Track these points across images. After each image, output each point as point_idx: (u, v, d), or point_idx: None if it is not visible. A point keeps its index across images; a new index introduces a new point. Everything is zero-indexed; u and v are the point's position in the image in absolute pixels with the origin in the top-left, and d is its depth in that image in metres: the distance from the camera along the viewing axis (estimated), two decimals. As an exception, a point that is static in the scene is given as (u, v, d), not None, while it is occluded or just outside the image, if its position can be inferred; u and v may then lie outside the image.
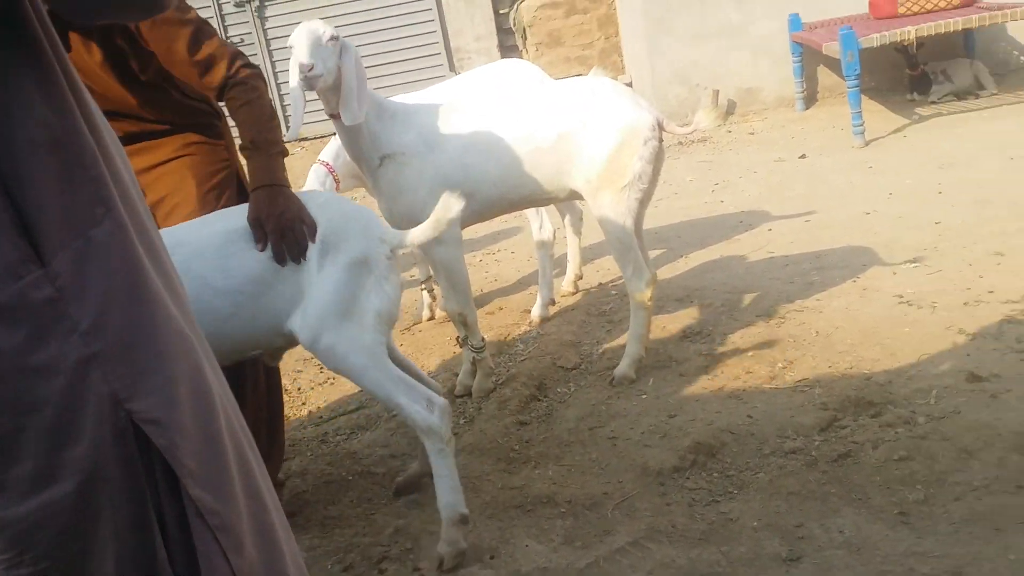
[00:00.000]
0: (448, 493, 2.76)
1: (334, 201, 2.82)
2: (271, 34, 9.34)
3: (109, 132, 1.25)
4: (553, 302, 4.66)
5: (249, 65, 2.85)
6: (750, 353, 3.75)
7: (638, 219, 3.62)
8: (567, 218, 4.74)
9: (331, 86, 3.31)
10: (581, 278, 4.87)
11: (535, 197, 3.66)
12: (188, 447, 1.20)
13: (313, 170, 4.52)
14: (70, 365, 1.11)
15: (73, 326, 1.11)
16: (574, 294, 4.82)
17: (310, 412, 4.10)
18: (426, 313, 4.95)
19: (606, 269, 5.10)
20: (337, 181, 4.54)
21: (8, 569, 1.14)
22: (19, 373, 1.09)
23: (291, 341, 2.77)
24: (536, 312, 4.58)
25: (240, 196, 3.08)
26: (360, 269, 2.68)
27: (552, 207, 4.72)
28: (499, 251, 5.96)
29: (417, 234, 2.74)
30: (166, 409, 1.19)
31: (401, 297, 2.81)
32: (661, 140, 3.56)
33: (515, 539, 2.81)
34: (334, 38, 3.29)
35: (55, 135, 1.13)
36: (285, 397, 4.25)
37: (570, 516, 2.89)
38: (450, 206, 2.66)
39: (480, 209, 3.58)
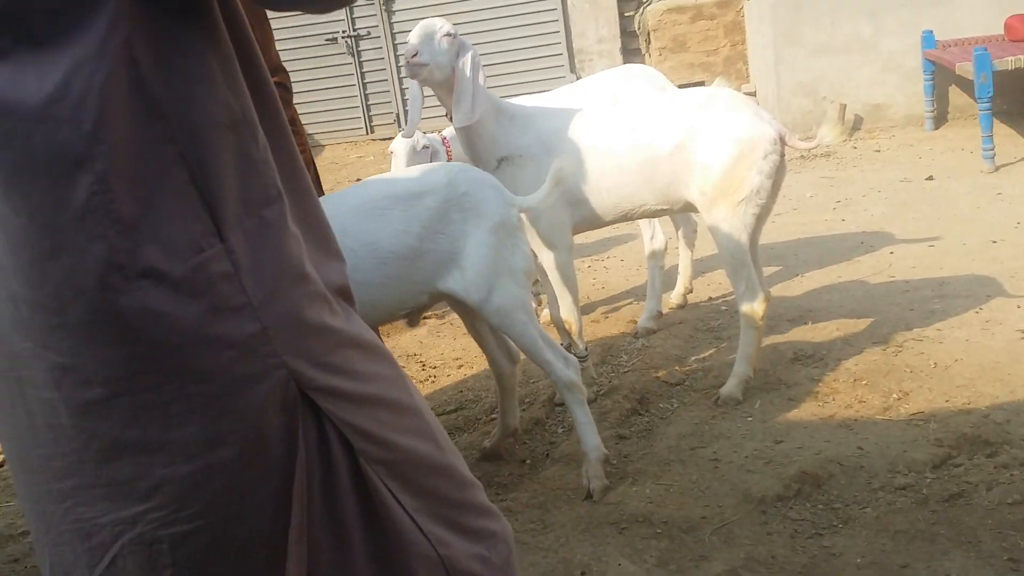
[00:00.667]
0: (591, 437, 3.11)
1: (464, 170, 3.05)
2: (397, 28, 9.45)
3: (280, 107, 1.32)
4: (660, 314, 4.56)
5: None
6: (864, 381, 3.61)
7: (754, 235, 3.52)
8: (681, 230, 4.65)
9: (441, 82, 3.33)
10: (691, 292, 4.77)
11: (649, 207, 3.59)
12: (354, 412, 1.29)
13: (415, 139, 4.53)
14: (242, 338, 1.18)
15: (247, 300, 1.18)
16: (682, 307, 4.72)
17: (410, 409, 4.10)
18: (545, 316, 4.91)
19: (716, 283, 4.98)
20: (449, 155, 4.61)
21: (160, 527, 1.22)
22: (194, 343, 1.15)
23: (435, 299, 3.08)
24: (642, 323, 4.50)
25: None
26: (503, 231, 2.97)
27: (666, 218, 4.63)
28: (608, 258, 5.88)
29: (535, 197, 3.05)
30: (333, 378, 1.27)
31: None
32: (783, 155, 3.45)
33: (607, 557, 2.74)
34: (450, 35, 3.31)
35: (235, 117, 1.19)
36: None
37: (666, 538, 2.82)
38: (563, 169, 2.99)
39: (592, 216, 3.54)
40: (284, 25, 9.30)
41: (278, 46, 3.37)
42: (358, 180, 7.78)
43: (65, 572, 1.29)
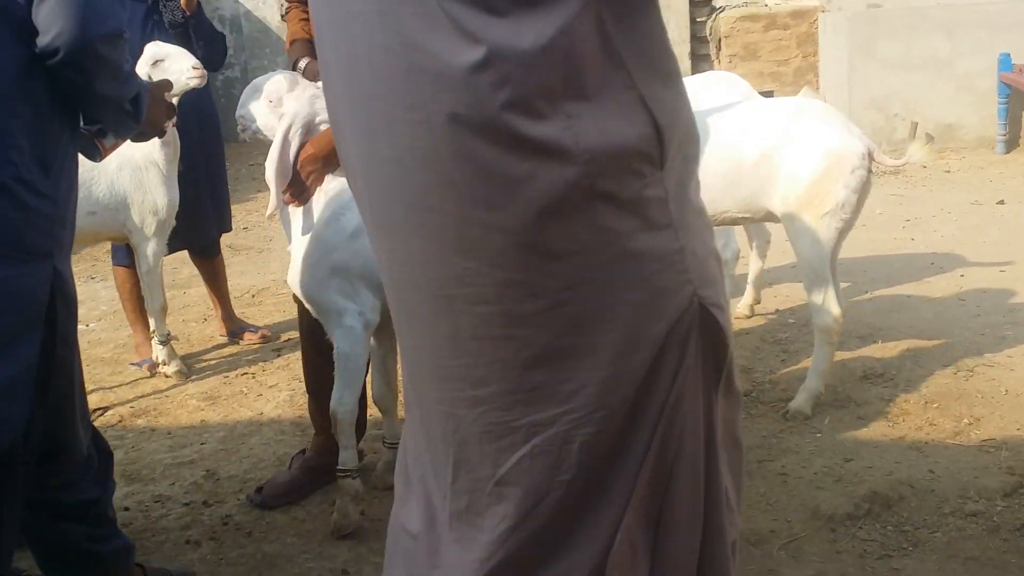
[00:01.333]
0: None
1: None
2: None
3: None
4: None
5: None
6: (935, 404, 3.56)
7: (835, 249, 3.48)
8: (755, 241, 4.62)
9: None
10: (759, 303, 4.73)
11: (731, 215, 3.57)
12: (727, 339, 1.47)
13: None
14: (666, 253, 1.37)
15: (671, 221, 1.37)
16: (749, 318, 4.69)
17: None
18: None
19: (784, 296, 4.94)
20: None
21: (574, 428, 1.38)
22: (628, 256, 1.34)
23: None
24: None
25: None
26: None
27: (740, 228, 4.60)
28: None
29: None
30: (722, 296, 1.47)
31: None
32: (870, 170, 3.42)
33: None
34: None
35: (670, 68, 1.39)
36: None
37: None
38: None
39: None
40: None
41: None
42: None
43: (470, 469, 1.45)
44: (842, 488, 3.04)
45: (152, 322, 4.44)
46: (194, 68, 3.89)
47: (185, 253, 4.98)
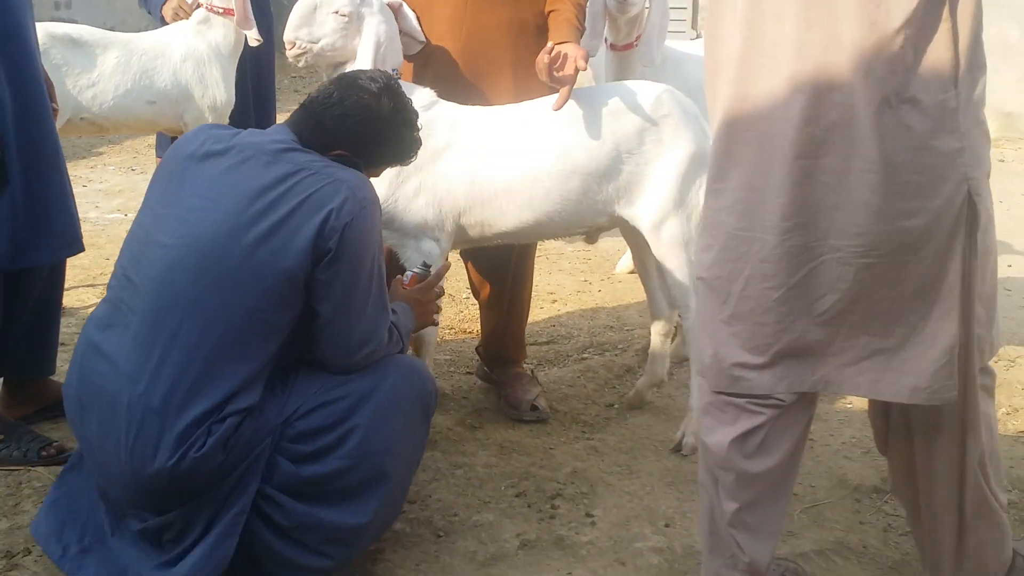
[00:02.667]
0: None
1: (669, 93, 2.97)
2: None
3: None
4: None
5: None
6: (971, 390, 3.51)
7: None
8: None
9: (634, 16, 3.28)
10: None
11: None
12: None
13: None
14: (951, 151, 1.83)
15: (957, 127, 1.84)
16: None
17: (501, 334, 4.08)
18: (628, 265, 4.85)
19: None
20: None
21: (853, 258, 1.89)
22: (922, 148, 1.82)
23: (613, 223, 3.06)
24: None
25: None
26: (695, 163, 2.89)
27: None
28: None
29: None
30: (985, 187, 1.93)
31: None
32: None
33: (693, 514, 2.72)
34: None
35: None
36: (478, 313, 4.27)
37: (753, 506, 2.77)
38: None
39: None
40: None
41: None
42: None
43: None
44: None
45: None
46: None
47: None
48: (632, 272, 4.77)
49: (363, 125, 2.32)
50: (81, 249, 2.95)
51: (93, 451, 2.22)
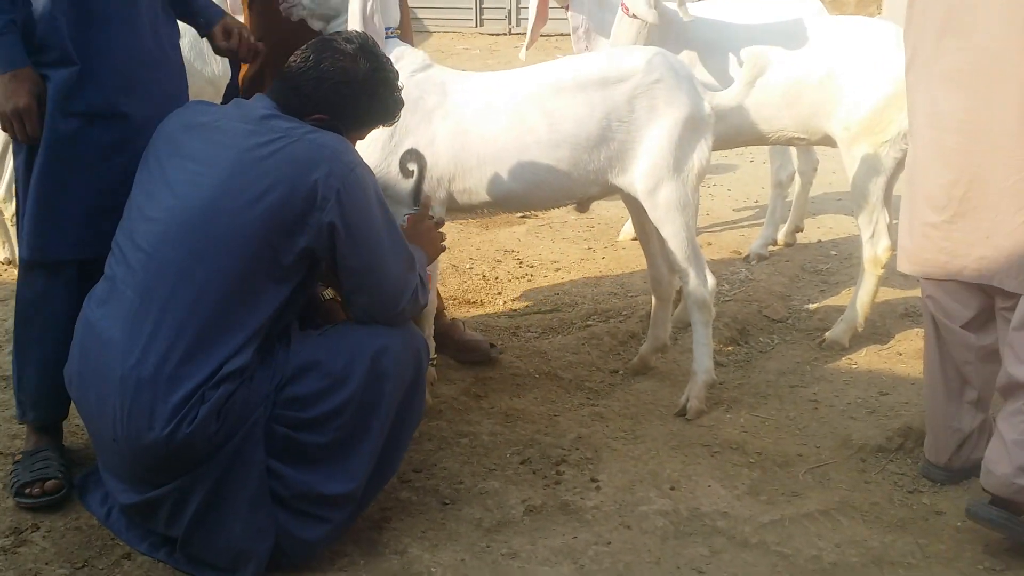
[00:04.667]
0: (706, 359, 3.08)
1: (662, 55, 2.94)
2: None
3: None
4: (775, 243, 4.51)
5: None
6: (975, 347, 3.50)
7: (891, 180, 3.39)
8: (801, 167, 4.52)
9: None
10: (801, 231, 4.66)
11: (786, 133, 3.48)
12: None
13: None
14: None
15: None
16: (790, 246, 4.62)
17: (505, 303, 4.09)
18: (631, 232, 4.84)
19: (828, 227, 4.87)
20: None
21: None
22: None
23: (607, 191, 3.01)
24: (755, 249, 4.45)
25: None
26: (689, 126, 2.86)
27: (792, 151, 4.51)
28: (715, 186, 5.77)
29: (730, 95, 2.99)
30: None
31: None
32: (937, 102, 3.30)
33: (698, 477, 2.72)
34: None
35: None
36: (482, 283, 4.27)
37: (758, 468, 2.78)
38: (759, 64, 2.91)
39: (729, 133, 3.42)
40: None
41: None
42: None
43: None
44: (875, 420, 3.01)
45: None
46: None
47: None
48: (635, 239, 4.75)
49: (340, 87, 2.30)
50: None
51: (94, 426, 2.23)
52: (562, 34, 11.07)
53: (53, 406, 2.65)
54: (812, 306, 3.95)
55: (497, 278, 4.36)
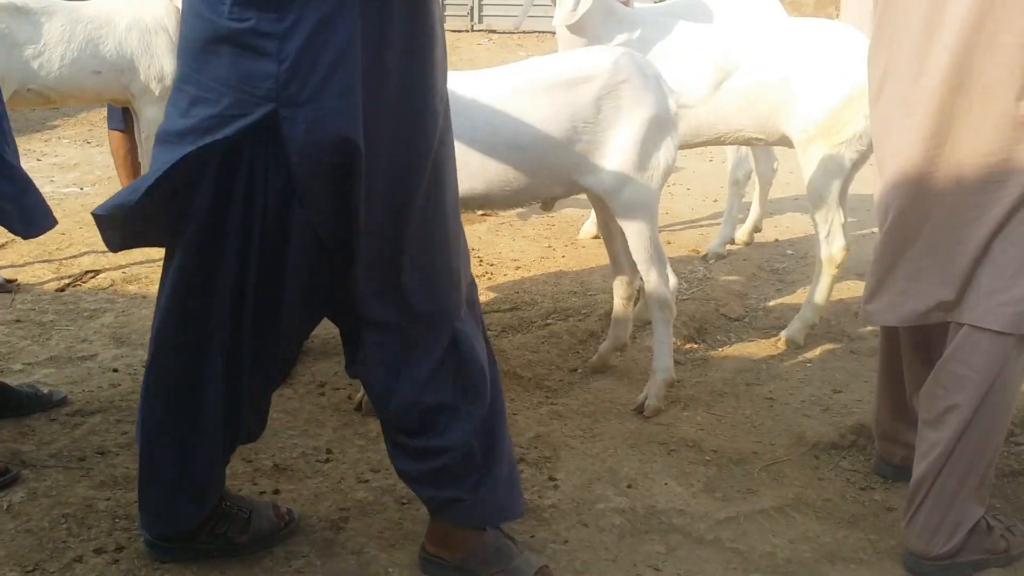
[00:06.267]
0: (666, 358, 3.11)
1: (628, 57, 2.94)
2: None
3: None
4: (733, 241, 4.54)
5: None
6: (928, 346, 3.56)
7: (847, 180, 3.43)
8: (760, 167, 4.57)
9: None
10: (760, 231, 4.70)
11: (744, 134, 3.51)
12: None
13: None
14: None
15: None
16: (748, 244, 4.66)
17: (464, 301, 4.08)
18: (592, 230, 4.86)
19: (785, 227, 4.92)
20: None
21: None
22: None
23: (571, 191, 3.02)
24: (713, 248, 4.49)
25: None
26: (655, 125, 2.87)
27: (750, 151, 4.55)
28: (675, 185, 5.81)
29: (698, 94, 2.99)
30: None
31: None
32: (893, 104, 3.35)
33: (655, 475, 2.74)
34: None
35: None
36: (442, 281, 4.26)
37: (714, 465, 2.80)
38: (725, 68, 2.96)
39: (685, 134, 3.45)
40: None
41: None
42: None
43: None
44: (829, 418, 3.05)
45: (147, 190, 4.37)
46: None
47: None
48: (596, 237, 4.78)
49: None
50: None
51: None
52: (524, 32, 11.07)
53: None
54: (769, 303, 4.00)
55: (457, 276, 4.35)
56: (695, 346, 3.63)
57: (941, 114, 2.21)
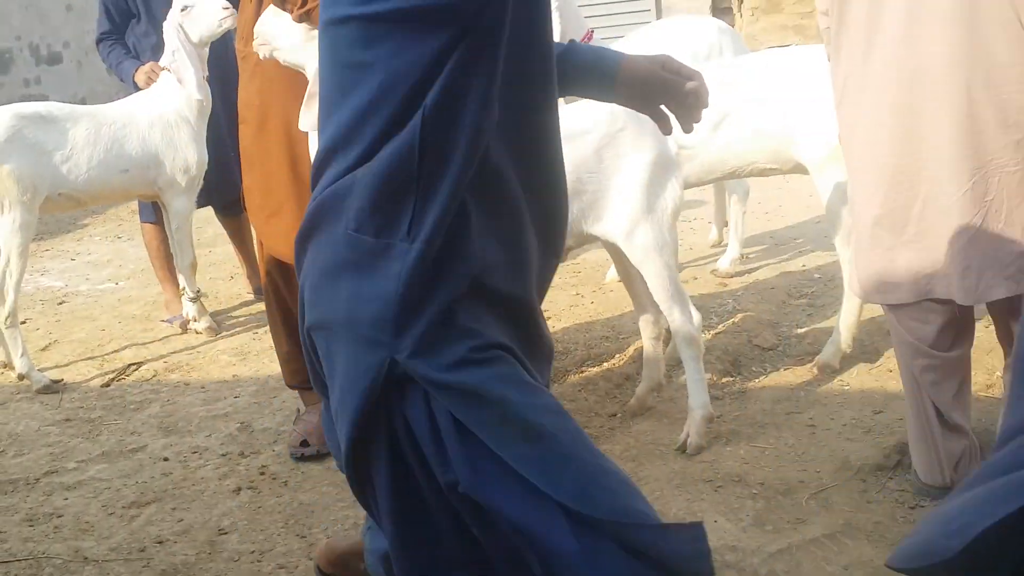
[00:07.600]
0: (702, 394, 3.12)
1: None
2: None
3: None
4: (742, 256, 4.81)
5: None
6: (964, 357, 3.56)
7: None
8: (734, 194, 4.72)
9: None
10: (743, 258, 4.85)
11: (759, 165, 3.56)
12: None
13: None
14: None
15: None
16: (731, 277, 4.76)
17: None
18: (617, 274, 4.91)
19: (809, 251, 4.93)
20: None
21: None
22: None
23: (581, 241, 3.08)
24: (723, 266, 4.75)
25: None
26: (656, 168, 2.92)
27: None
28: (694, 219, 5.85)
29: (697, 136, 2.94)
30: None
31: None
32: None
33: (703, 513, 2.76)
34: None
35: None
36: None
37: (762, 499, 2.82)
38: (718, 111, 3.04)
39: (699, 172, 3.51)
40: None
41: None
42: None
43: None
44: (872, 439, 3.05)
45: (181, 279, 4.48)
46: (224, 8, 3.90)
47: (210, 212, 5.01)
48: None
49: None
50: None
51: None
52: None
53: None
54: (801, 330, 4.01)
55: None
56: (732, 379, 3.65)
57: (898, 102, 2.44)
